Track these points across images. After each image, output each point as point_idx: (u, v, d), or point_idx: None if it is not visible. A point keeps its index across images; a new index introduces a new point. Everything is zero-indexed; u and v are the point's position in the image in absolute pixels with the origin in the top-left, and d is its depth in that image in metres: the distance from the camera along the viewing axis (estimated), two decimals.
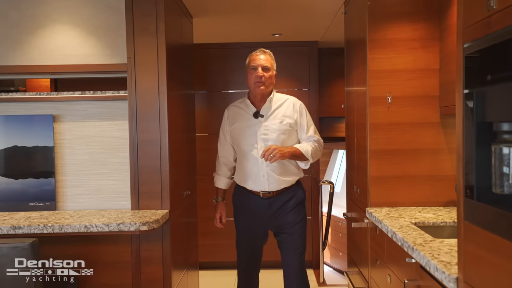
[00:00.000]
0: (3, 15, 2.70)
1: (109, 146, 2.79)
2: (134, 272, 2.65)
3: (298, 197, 2.73)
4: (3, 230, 2.32)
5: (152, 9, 2.64)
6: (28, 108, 2.79)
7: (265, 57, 2.63)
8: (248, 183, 2.70)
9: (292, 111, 2.65)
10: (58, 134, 2.77)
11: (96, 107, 2.78)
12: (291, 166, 2.68)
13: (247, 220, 2.77)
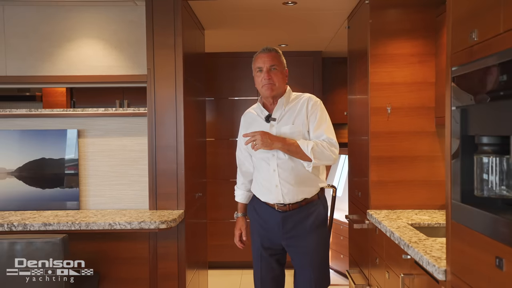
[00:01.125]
0: (35, 30, 2.93)
1: (129, 159, 3.01)
2: (151, 268, 2.86)
3: (319, 215, 2.34)
4: (35, 227, 2.54)
5: (170, 25, 2.87)
6: (56, 123, 3.01)
7: (271, 55, 2.35)
8: (263, 194, 2.39)
9: (305, 109, 2.35)
10: (82, 147, 3.00)
11: (118, 122, 3.01)
12: (308, 173, 2.31)
13: (258, 236, 2.44)
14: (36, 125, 3.00)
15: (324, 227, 2.38)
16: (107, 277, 2.84)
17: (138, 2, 2.90)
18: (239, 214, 2.64)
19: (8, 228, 2.53)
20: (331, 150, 2.27)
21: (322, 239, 2.36)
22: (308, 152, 2.23)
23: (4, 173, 2.99)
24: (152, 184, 2.91)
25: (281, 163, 2.31)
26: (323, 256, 2.38)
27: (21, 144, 2.97)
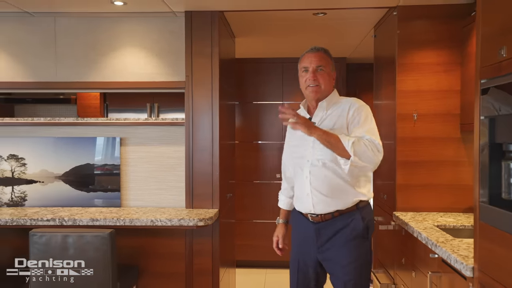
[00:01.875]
0: (83, 39, 3.14)
1: (167, 165, 3.20)
2: (187, 263, 3.04)
3: (356, 227, 2.13)
4: (83, 222, 2.73)
5: (208, 35, 3.05)
6: (100, 131, 3.21)
7: (318, 55, 2.21)
8: (297, 202, 2.30)
9: (346, 114, 2.17)
10: (124, 154, 3.20)
11: (157, 131, 3.20)
12: (344, 183, 2.14)
13: (296, 246, 2.32)
14: (82, 133, 3.20)
15: (362, 240, 2.15)
16: (146, 270, 3.03)
17: (178, 14, 3.08)
18: (280, 221, 2.50)
19: (59, 223, 2.73)
20: (373, 152, 2.05)
21: (359, 254, 2.14)
22: (348, 147, 2.01)
23: (52, 177, 3.20)
24: (188, 184, 3.09)
25: (314, 170, 2.17)
26: (360, 272, 2.15)
27: (68, 150, 3.19)
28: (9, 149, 3.20)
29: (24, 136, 3.20)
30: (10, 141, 3.20)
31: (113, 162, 3.19)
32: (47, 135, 3.19)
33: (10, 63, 3.16)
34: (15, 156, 3.19)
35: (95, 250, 2.52)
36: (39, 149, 3.19)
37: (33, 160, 3.19)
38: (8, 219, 2.75)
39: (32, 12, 3.09)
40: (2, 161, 3.19)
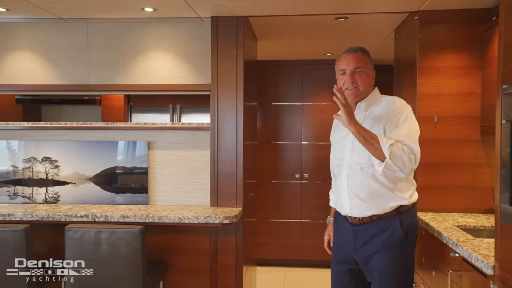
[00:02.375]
0: (113, 44, 3.28)
1: (193, 168, 3.32)
2: (211, 259, 3.15)
3: (393, 234, 2.07)
4: (114, 218, 2.86)
5: (233, 39, 3.16)
6: (128, 135, 3.35)
7: (356, 56, 2.15)
8: (337, 203, 2.29)
9: (386, 113, 2.10)
10: (151, 157, 3.33)
11: (183, 135, 3.32)
12: (383, 188, 2.08)
13: (336, 247, 2.32)
14: (112, 137, 3.34)
15: (400, 246, 2.08)
16: (172, 266, 3.14)
17: (204, 19, 3.20)
18: (330, 219, 2.44)
19: (92, 219, 2.87)
20: (409, 157, 1.98)
21: (397, 260, 2.08)
22: (385, 148, 1.93)
23: (84, 178, 3.35)
24: (213, 183, 3.19)
25: (351, 173, 2.14)
26: (397, 279, 2.09)
27: (98, 153, 3.33)
28: (44, 152, 3.36)
29: (57, 140, 3.35)
30: (44, 144, 3.35)
31: (141, 165, 3.32)
32: (79, 139, 3.34)
33: (45, 67, 3.31)
34: (49, 159, 3.34)
35: (126, 246, 2.65)
36: (71, 152, 3.34)
37: (66, 162, 3.34)
38: (44, 215, 2.89)
39: (66, 18, 3.23)
40: (37, 163, 3.35)
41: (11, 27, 3.32)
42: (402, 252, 2.09)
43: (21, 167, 3.35)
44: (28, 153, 3.36)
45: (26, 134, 3.37)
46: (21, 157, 3.36)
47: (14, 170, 3.36)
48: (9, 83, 3.32)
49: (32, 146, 3.36)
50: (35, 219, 2.88)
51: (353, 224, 2.16)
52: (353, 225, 2.16)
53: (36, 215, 2.89)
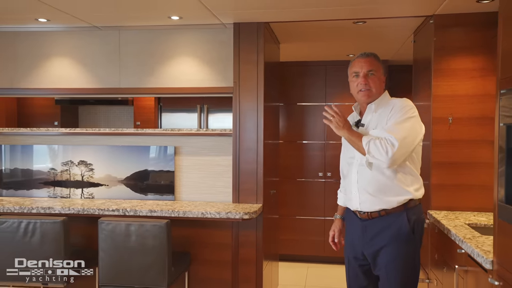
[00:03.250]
0: (143, 49, 3.51)
1: (215, 172, 3.52)
2: (233, 252, 3.33)
3: (401, 229, 2.20)
4: (143, 212, 3.09)
5: (254, 44, 3.33)
6: (157, 140, 3.57)
7: (368, 60, 2.29)
8: (347, 199, 2.43)
9: (389, 114, 2.24)
10: (178, 161, 3.54)
11: (207, 141, 3.52)
12: (390, 182, 2.21)
13: (348, 241, 2.43)
14: (141, 142, 3.58)
15: (406, 241, 2.20)
16: (197, 258, 3.35)
17: (227, 25, 3.38)
18: (337, 216, 2.58)
19: (122, 213, 3.11)
20: (386, 148, 2.11)
21: (403, 254, 2.20)
22: (364, 145, 2.15)
23: (115, 180, 3.61)
24: (235, 181, 3.38)
25: (361, 170, 2.28)
26: (403, 272, 2.21)
27: (129, 157, 3.58)
28: (80, 156, 3.64)
29: (92, 145, 3.62)
30: (80, 148, 3.63)
31: (168, 168, 3.54)
32: (112, 144, 3.60)
33: (81, 71, 3.58)
34: (84, 162, 3.62)
35: (153, 238, 2.87)
36: (104, 156, 3.60)
37: (99, 166, 3.61)
38: (79, 208, 3.15)
39: (100, 26, 3.49)
40: (74, 166, 3.63)
41: (51, 35, 3.60)
42: (409, 246, 2.21)
43: (60, 170, 3.64)
44: (66, 156, 3.65)
45: (64, 139, 3.65)
46: (59, 161, 3.65)
47: (53, 172, 3.65)
48: (49, 87, 3.61)
49: (70, 150, 3.65)
50: (72, 212, 3.15)
51: (362, 219, 2.28)
52: (362, 220, 2.28)
53: (73, 209, 3.16)
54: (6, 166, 3.67)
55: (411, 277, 2.26)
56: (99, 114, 6.22)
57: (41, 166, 3.67)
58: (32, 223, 2.93)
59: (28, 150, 3.68)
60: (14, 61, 3.62)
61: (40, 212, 3.16)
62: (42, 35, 3.61)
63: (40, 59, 3.61)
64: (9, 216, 2.99)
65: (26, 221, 2.94)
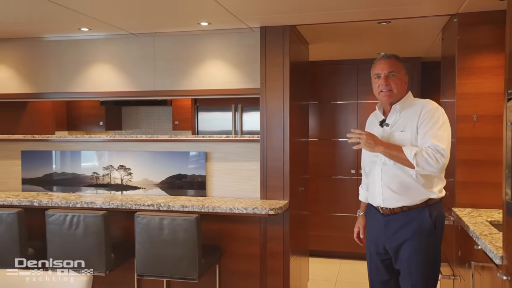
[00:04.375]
0: (175, 54, 3.73)
1: (244, 177, 3.67)
2: (261, 246, 3.49)
3: (423, 223, 2.28)
4: (175, 208, 3.30)
5: (280, 47, 3.46)
6: (190, 146, 3.77)
7: (389, 62, 2.35)
8: (369, 195, 2.51)
9: (417, 117, 2.29)
10: (209, 166, 3.73)
11: (236, 147, 3.68)
12: (413, 182, 2.28)
13: (369, 237, 2.54)
14: (175, 147, 3.78)
15: (428, 236, 2.29)
16: (227, 251, 3.53)
17: (254, 29, 3.53)
18: (360, 213, 2.66)
19: (156, 208, 3.33)
20: (435, 158, 2.17)
21: (424, 248, 2.29)
22: (410, 158, 2.17)
23: (152, 184, 3.84)
24: (262, 178, 3.53)
25: (385, 168, 2.35)
26: (424, 266, 2.29)
27: (164, 162, 3.80)
28: (119, 161, 3.89)
29: (130, 150, 3.86)
30: (120, 154, 3.89)
31: (200, 172, 3.73)
32: (148, 150, 3.83)
33: (120, 76, 3.84)
34: (123, 167, 3.88)
35: (184, 231, 3.07)
36: (141, 161, 3.84)
37: (137, 170, 3.85)
38: (118, 203, 3.41)
39: (136, 33, 3.73)
40: (114, 171, 3.90)
41: (92, 43, 3.89)
42: (430, 241, 2.30)
43: (101, 174, 3.92)
44: (107, 161, 3.92)
45: (105, 145, 3.93)
46: (101, 165, 3.93)
47: (96, 176, 3.94)
48: (91, 91, 3.90)
49: (110, 155, 3.91)
50: (111, 206, 3.41)
51: (384, 214, 2.37)
52: (384, 215, 2.37)
53: (112, 203, 3.42)
54: (56, 170, 4.00)
55: (432, 271, 2.34)
56: (141, 114, 6.55)
57: (85, 170, 3.96)
58: (76, 216, 3.21)
59: (75, 155, 3.99)
60: (59, 67, 3.94)
61: (83, 207, 3.44)
62: (84, 43, 3.90)
63: (83, 65, 3.90)
64: (56, 210, 3.28)
65: (71, 214, 3.22)
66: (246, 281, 3.51)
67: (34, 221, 3.55)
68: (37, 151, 4.03)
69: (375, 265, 2.49)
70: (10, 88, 4.01)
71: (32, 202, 3.55)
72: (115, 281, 3.68)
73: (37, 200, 3.55)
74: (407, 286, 2.33)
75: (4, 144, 4.08)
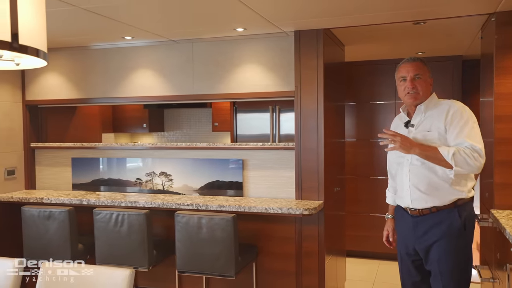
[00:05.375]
0: (213, 59, 3.86)
1: (280, 183, 3.74)
2: (297, 246, 3.56)
3: (452, 224, 2.28)
4: (213, 207, 3.44)
5: (313, 50, 3.52)
6: (227, 154, 3.89)
7: (415, 65, 2.39)
8: (398, 197, 2.52)
9: (444, 117, 2.30)
10: (245, 173, 3.83)
11: (272, 154, 3.76)
12: (442, 182, 2.29)
13: (399, 239, 2.56)
14: (214, 155, 3.90)
15: (458, 236, 2.29)
16: (263, 250, 3.64)
17: (289, 33, 3.61)
18: (388, 216, 2.70)
19: (195, 207, 3.48)
20: (474, 157, 2.17)
21: (455, 249, 2.29)
22: (449, 159, 2.17)
23: (191, 190, 3.98)
24: (297, 179, 3.60)
25: (413, 169, 2.36)
26: (456, 266, 2.30)
27: (203, 169, 3.93)
28: (161, 167, 4.07)
29: (171, 158, 4.03)
30: (161, 161, 4.06)
31: (236, 179, 3.84)
32: (188, 157, 3.97)
33: (160, 81, 4.03)
34: (164, 173, 4.05)
35: (221, 230, 3.19)
36: (182, 167, 4.00)
37: (178, 176, 4.01)
38: (160, 202, 3.59)
39: (176, 40, 3.90)
40: (156, 177, 4.08)
41: (135, 50, 4.09)
42: (460, 241, 2.30)
43: (144, 180, 4.12)
44: (149, 168, 4.11)
45: (148, 153, 4.12)
46: (144, 172, 4.13)
47: (139, 182, 4.13)
48: (135, 96, 4.11)
49: (152, 162, 4.09)
50: (153, 206, 3.59)
51: (413, 216, 2.38)
52: (413, 217, 2.38)
53: (154, 203, 3.60)
54: (102, 176, 4.24)
55: (463, 272, 2.33)
56: (182, 116, 6.78)
57: (129, 176, 4.16)
58: (121, 215, 3.41)
59: (120, 162, 4.21)
60: (105, 74, 4.17)
61: (127, 206, 3.64)
62: (127, 50, 4.11)
63: (126, 71, 4.12)
64: (103, 208, 3.50)
65: (116, 212, 3.42)
66: (282, 280, 3.60)
67: (83, 219, 3.80)
68: (85, 158, 4.29)
69: (406, 267, 2.51)
70: (62, 94, 4.28)
71: (81, 201, 3.79)
72: (158, 277, 3.87)
73: (86, 199, 3.79)
74: (438, 287, 2.33)
75: (56, 151, 4.37)
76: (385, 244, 2.72)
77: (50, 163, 4.38)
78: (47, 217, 3.54)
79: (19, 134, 4.28)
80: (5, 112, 4.13)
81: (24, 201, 3.88)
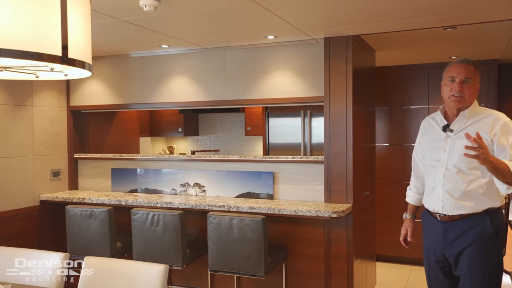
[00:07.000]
0: (245, 66, 4.00)
1: (309, 196, 3.79)
2: (325, 248, 3.63)
3: (484, 230, 2.24)
4: (244, 209, 3.56)
5: (343, 56, 3.59)
6: (258, 166, 3.98)
7: (467, 67, 2.28)
8: (426, 200, 2.47)
9: (490, 129, 2.23)
10: (275, 185, 3.92)
11: (301, 167, 3.83)
12: (476, 189, 2.25)
13: (427, 242, 2.49)
14: (246, 167, 4.02)
15: (490, 243, 2.24)
16: (292, 252, 3.72)
17: (318, 40, 3.70)
18: (407, 215, 2.69)
19: (227, 209, 3.61)
20: None
21: (487, 255, 2.25)
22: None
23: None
24: (327, 182, 3.67)
25: (448, 174, 2.31)
26: (487, 272, 2.25)
27: (235, 181, 4.05)
28: (195, 178, 4.21)
29: (204, 169, 4.17)
30: (195, 173, 4.21)
31: (267, 191, 3.94)
32: (220, 169, 4.10)
33: (194, 87, 4.20)
34: (198, 184, 4.20)
35: (251, 231, 3.31)
36: (214, 179, 4.13)
37: (211, 188, 4.14)
38: (193, 204, 3.74)
39: (210, 47, 4.06)
40: (190, 188, 4.24)
41: (171, 58, 4.28)
42: (492, 248, 2.25)
43: (179, 190, 4.28)
44: (184, 179, 4.25)
45: (182, 164, 4.28)
46: (178, 182, 4.29)
47: (174, 192, 4.30)
48: (170, 101, 4.30)
49: (189, 173, 4.23)
50: (187, 207, 3.74)
51: (442, 221, 2.33)
52: (443, 222, 2.33)
53: (188, 204, 3.75)
54: (139, 186, 4.44)
55: (494, 278, 2.28)
56: (216, 120, 6.96)
57: (164, 186, 4.33)
58: (157, 215, 3.58)
59: (156, 173, 4.39)
60: (142, 80, 4.39)
61: (163, 206, 3.82)
62: (164, 58, 4.31)
63: (162, 78, 4.31)
64: (140, 209, 3.69)
65: (152, 213, 3.60)
66: (311, 281, 3.67)
67: (122, 218, 4.01)
68: (124, 168, 4.50)
69: (434, 274, 2.46)
70: (102, 100, 4.53)
71: (120, 201, 4.00)
72: (191, 275, 4.03)
73: (124, 200, 3.99)
74: None
75: (97, 162, 4.60)
76: (402, 243, 2.69)
77: (92, 173, 4.62)
78: (88, 216, 3.76)
79: (64, 138, 4.55)
80: (52, 117, 4.41)
81: (68, 200, 4.14)
